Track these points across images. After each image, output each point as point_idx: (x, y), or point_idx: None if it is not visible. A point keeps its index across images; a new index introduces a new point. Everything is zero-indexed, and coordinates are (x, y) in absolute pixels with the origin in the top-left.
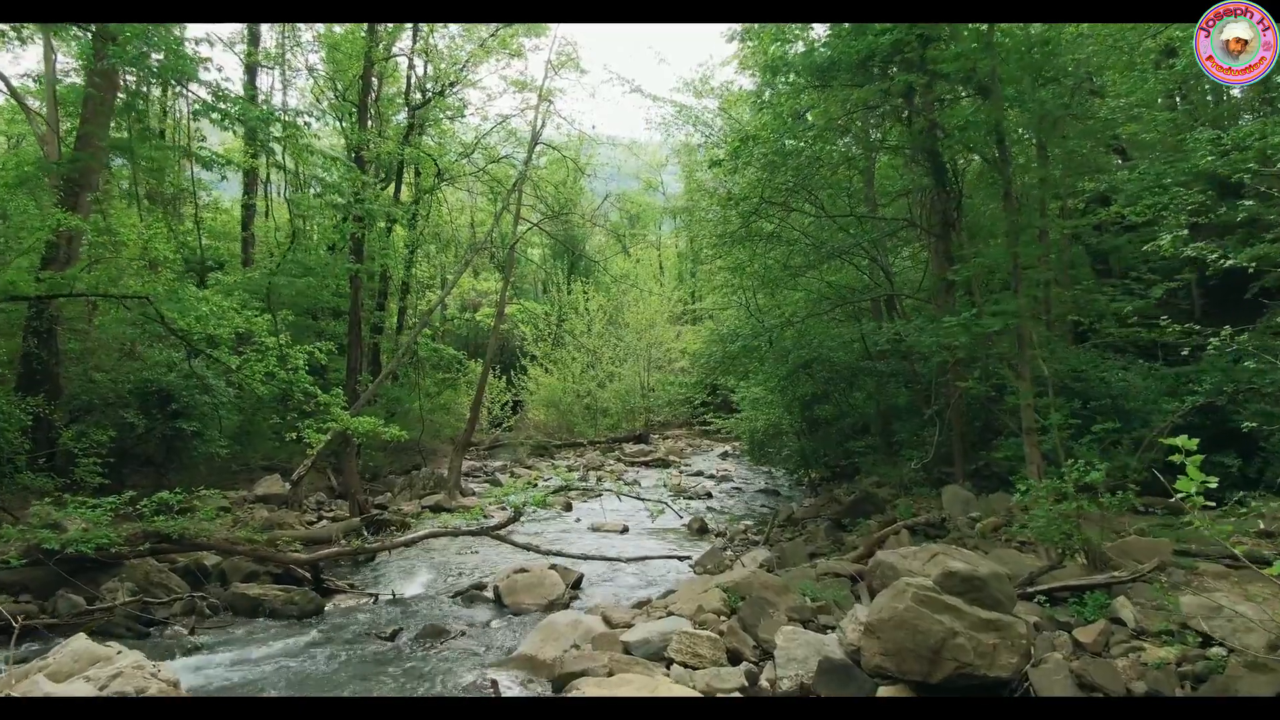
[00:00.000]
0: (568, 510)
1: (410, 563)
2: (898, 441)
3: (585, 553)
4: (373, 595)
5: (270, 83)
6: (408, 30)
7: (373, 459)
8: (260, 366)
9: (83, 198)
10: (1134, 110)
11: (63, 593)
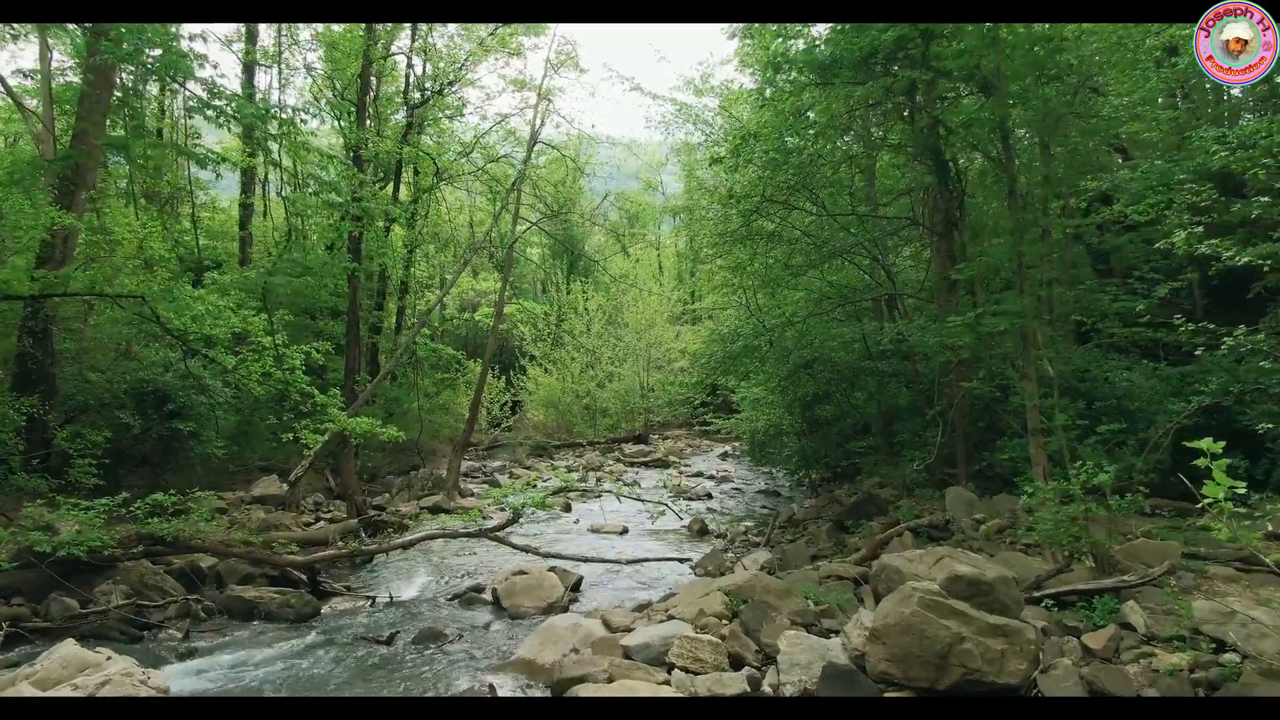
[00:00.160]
0: (567, 511)
1: (408, 564)
2: (899, 442)
3: (584, 554)
4: (370, 598)
5: (268, 81)
6: (406, 29)
7: (371, 459)
8: (257, 367)
9: (78, 196)
10: (1136, 109)
11: (56, 596)
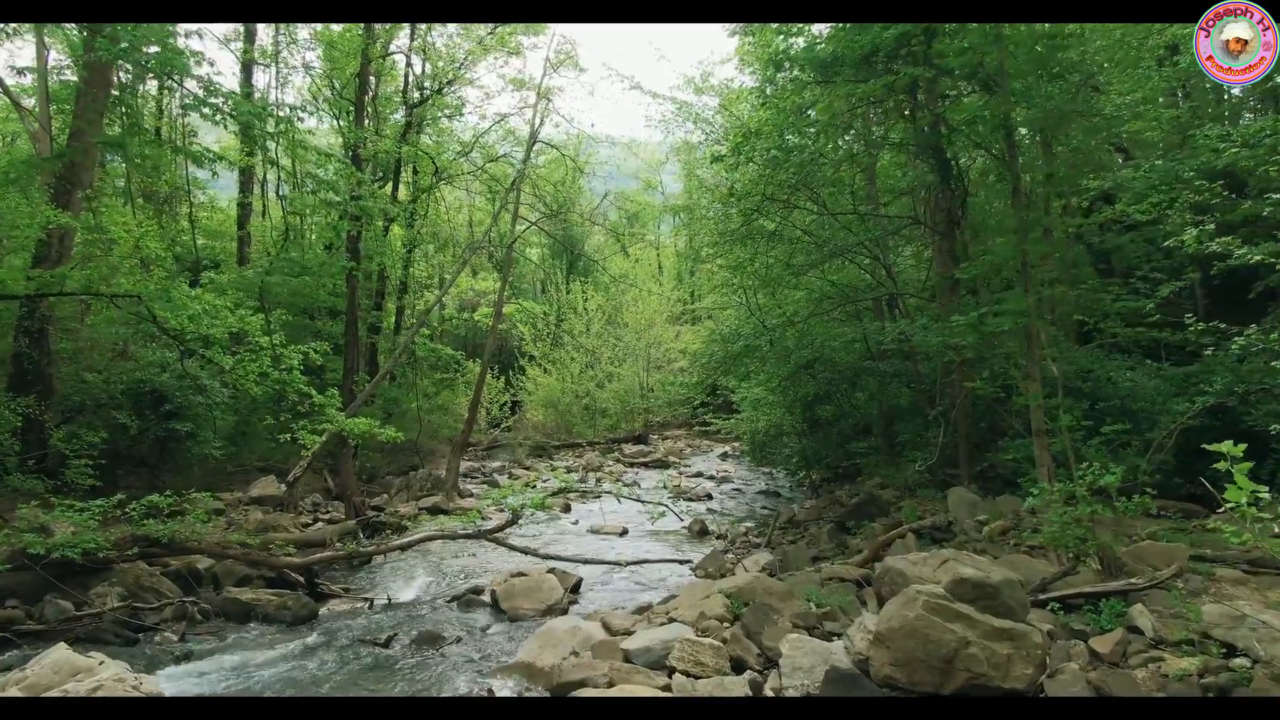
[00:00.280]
0: (566, 512)
1: (406, 565)
2: (900, 443)
3: (584, 556)
4: (368, 600)
5: (267, 80)
6: (405, 28)
7: (370, 460)
8: (254, 367)
9: (74, 195)
10: (1139, 107)
11: (50, 598)
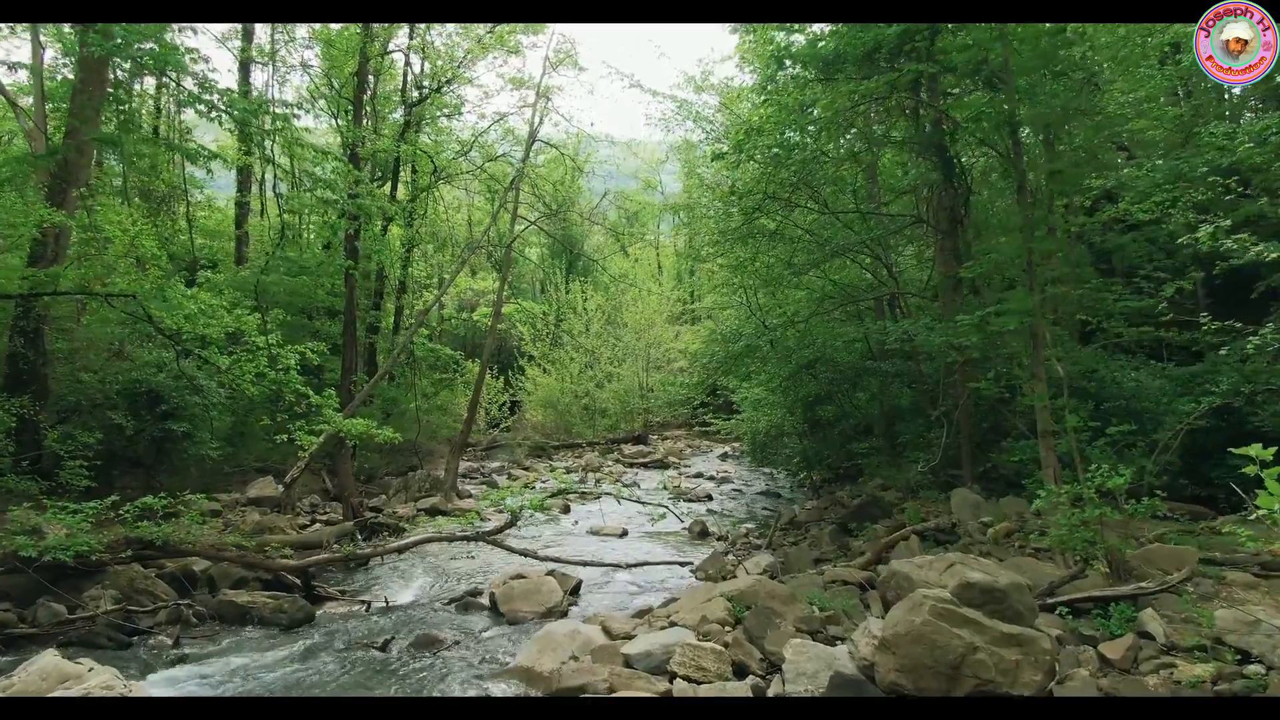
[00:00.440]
0: (566, 513)
1: (404, 567)
2: (902, 443)
3: (584, 558)
4: (365, 602)
5: (265, 79)
6: (404, 26)
7: (368, 460)
8: (250, 367)
9: (69, 193)
10: (1142, 106)
11: (44, 601)
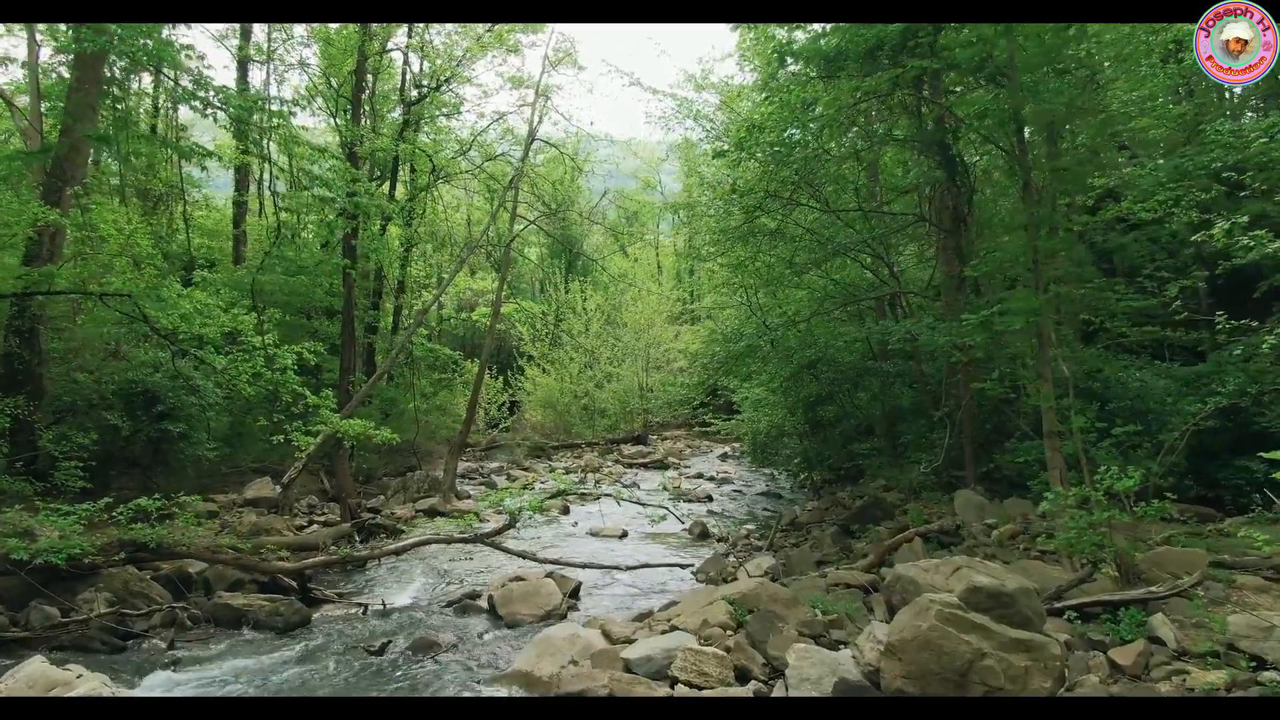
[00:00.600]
0: (565, 514)
1: (402, 569)
2: (903, 444)
3: (583, 560)
4: (362, 605)
5: (263, 77)
6: (403, 25)
7: (366, 461)
8: (247, 367)
9: (65, 192)
10: (1144, 104)
11: (36, 604)
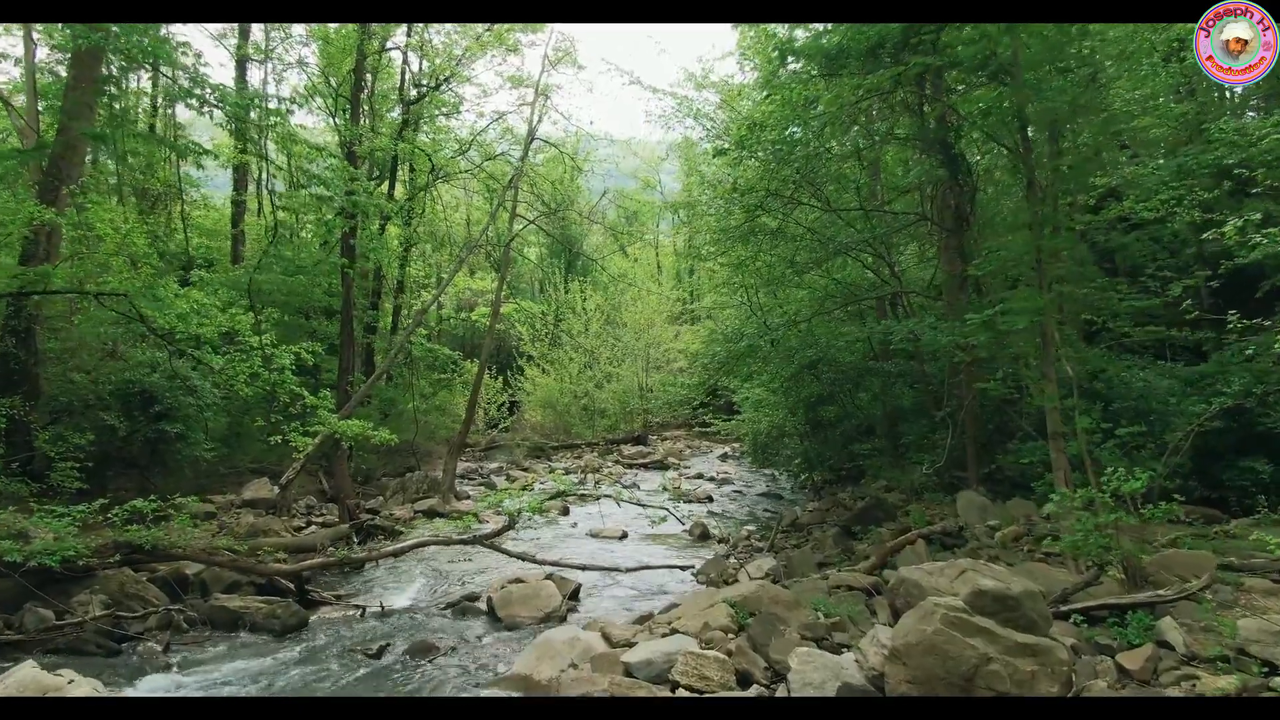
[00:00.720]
0: (565, 515)
1: (401, 570)
2: (905, 444)
3: (583, 562)
4: (360, 607)
5: (262, 77)
6: (402, 25)
7: (365, 461)
8: (244, 367)
9: (61, 191)
10: (1147, 103)
11: (30, 606)
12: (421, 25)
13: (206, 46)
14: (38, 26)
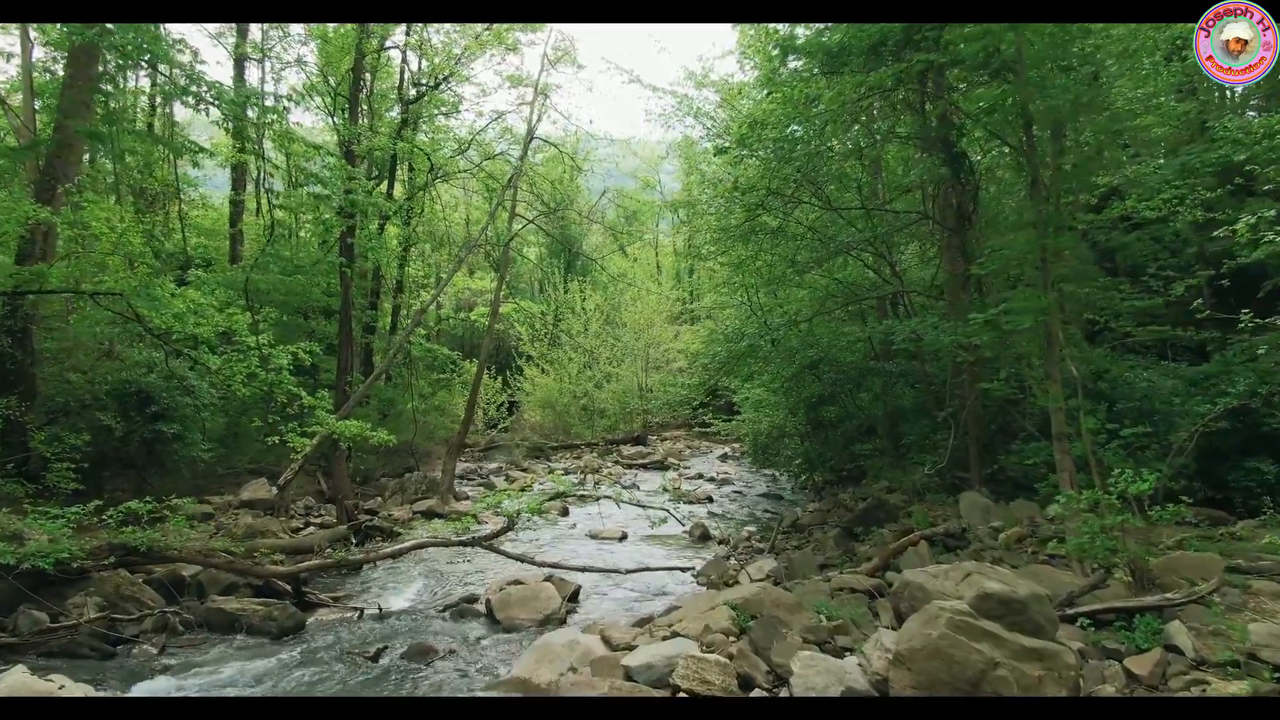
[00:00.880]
0: (564, 515)
1: (399, 571)
2: (906, 445)
3: (582, 563)
4: (357, 610)
5: (260, 76)
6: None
7: (364, 462)
8: (242, 367)
9: (57, 190)
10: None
11: (25, 609)
12: (421, 25)
13: (204, 45)
14: (34, 25)
